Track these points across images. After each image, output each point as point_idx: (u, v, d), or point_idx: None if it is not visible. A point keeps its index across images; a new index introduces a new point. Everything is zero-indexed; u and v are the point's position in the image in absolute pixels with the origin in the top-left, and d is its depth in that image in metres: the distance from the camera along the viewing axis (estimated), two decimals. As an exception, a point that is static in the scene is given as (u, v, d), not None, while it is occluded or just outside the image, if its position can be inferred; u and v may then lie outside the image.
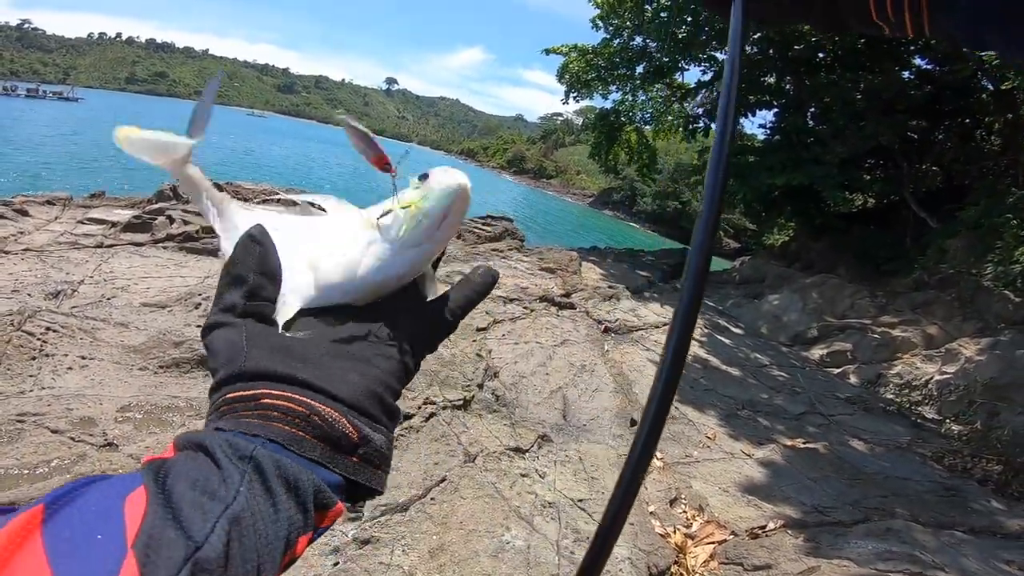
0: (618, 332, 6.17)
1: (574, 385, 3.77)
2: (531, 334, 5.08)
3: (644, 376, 4.39)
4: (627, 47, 12.25)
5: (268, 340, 0.40)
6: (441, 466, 2.39)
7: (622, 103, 14.12)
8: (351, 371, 0.39)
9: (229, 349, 0.39)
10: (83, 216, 6.49)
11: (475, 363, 3.70)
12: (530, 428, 2.90)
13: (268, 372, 0.38)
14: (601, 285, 8.86)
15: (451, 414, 2.79)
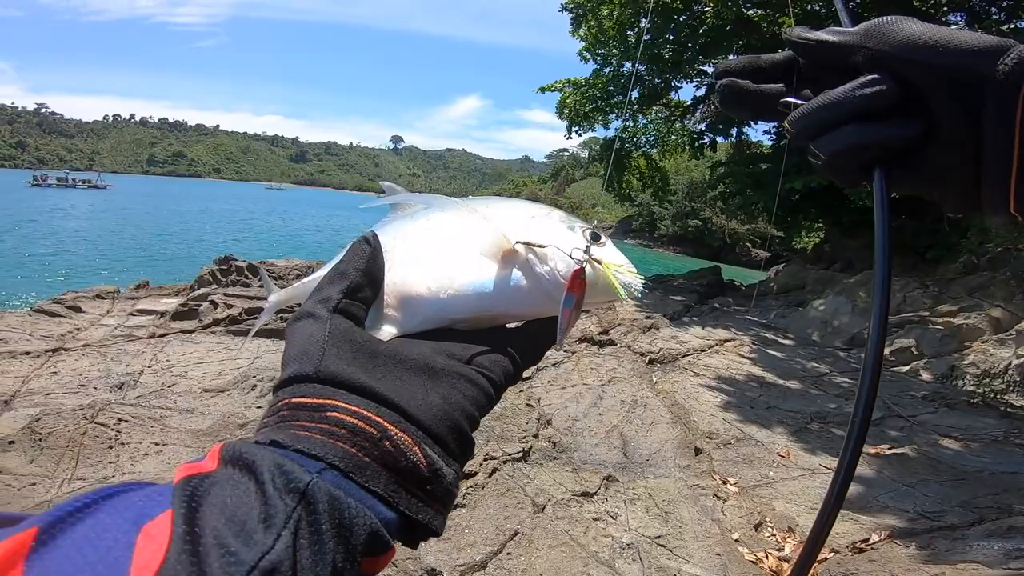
0: (663, 362, 6.03)
1: (629, 422, 3.67)
2: (577, 376, 5.02)
3: (700, 403, 4.25)
4: (618, 74, 12.48)
5: (352, 342, 0.37)
6: (511, 520, 2.34)
7: (624, 130, 14.36)
8: (434, 392, 0.36)
9: (307, 342, 0.36)
10: (132, 308, 6.86)
11: (527, 413, 3.66)
12: (593, 470, 2.82)
13: (344, 379, 0.34)
14: (637, 317, 8.75)
15: (513, 467, 2.75)
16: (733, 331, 7.72)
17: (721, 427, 3.69)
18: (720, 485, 2.86)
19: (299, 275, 8.74)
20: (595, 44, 12.08)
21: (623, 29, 11.01)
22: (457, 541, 2.20)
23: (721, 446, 3.35)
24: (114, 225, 31.11)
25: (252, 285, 7.90)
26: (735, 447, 3.35)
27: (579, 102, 12.77)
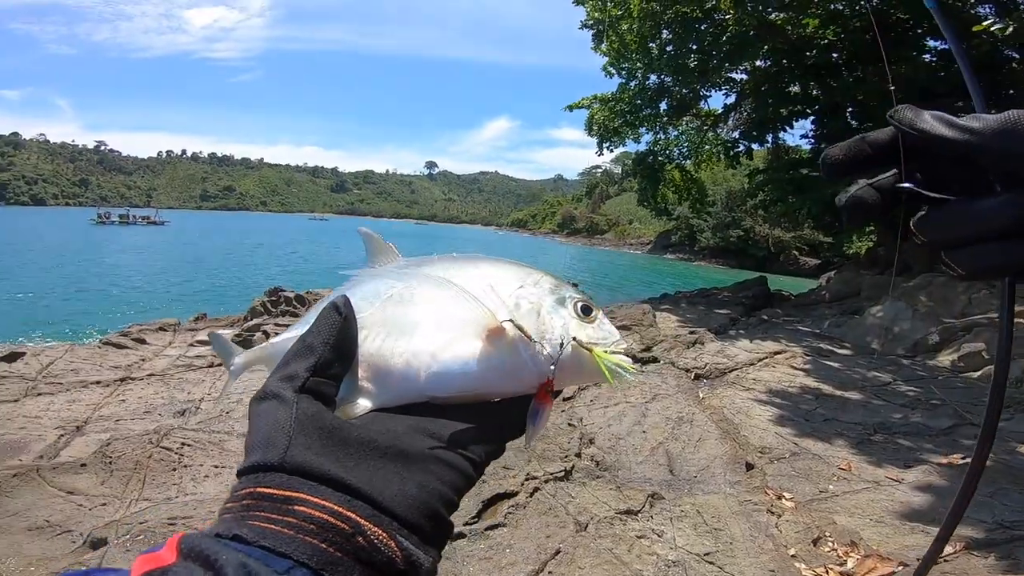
0: (710, 377, 5.85)
1: (675, 439, 3.57)
2: (619, 395, 4.94)
3: (750, 418, 4.08)
4: (644, 87, 12.46)
5: (320, 428, 0.35)
6: (553, 538, 2.30)
7: (656, 143, 14.24)
8: (410, 480, 0.34)
9: (272, 429, 0.34)
10: (192, 339, 7.25)
11: (568, 433, 3.62)
12: (637, 488, 2.75)
13: (312, 470, 0.32)
14: (680, 332, 8.57)
15: (554, 486, 2.71)
16: (784, 343, 7.41)
17: (774, 441, 3.53)
18: (774, 500, 2.72)
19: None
20: (618, 59, 12.14)
21: (645, 42, 11.04)
22: (498, 560, 2.18)
23: (775, 460, 3.19)
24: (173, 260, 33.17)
25: (300, 314, 8.18)
26: (790, 461, 3.19)
27: (607, 118, 12.81)
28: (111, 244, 42.79)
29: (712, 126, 13.87)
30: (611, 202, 76.12)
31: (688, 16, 9.79)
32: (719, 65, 10.59)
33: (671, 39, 10.64)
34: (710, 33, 10.04)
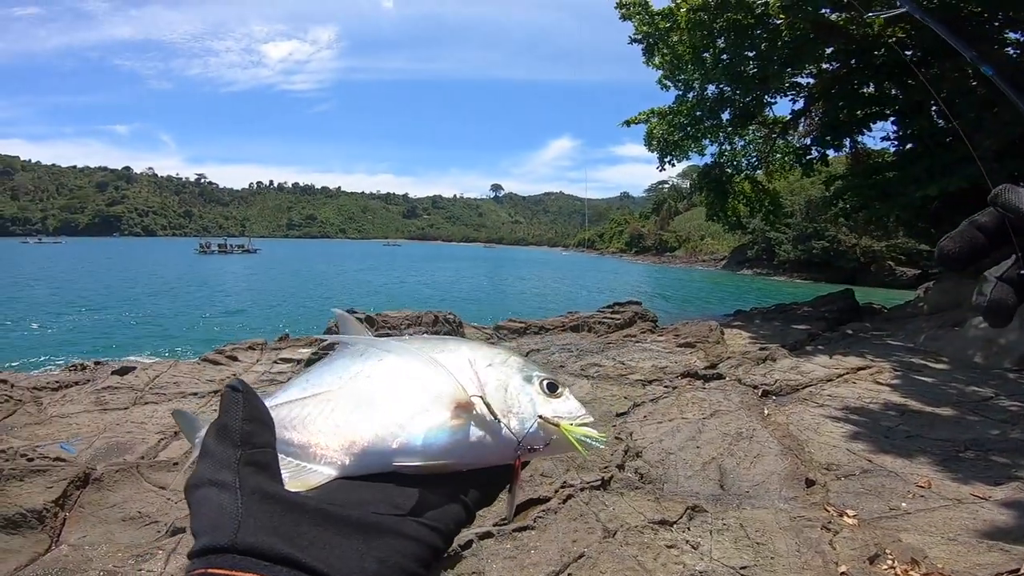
0: (779, 394, 5.49)
1: (731, 454, 3.38)
2: (676, 411, 4.78)
3: (819, 435, 3.78)
4: (703, 98, 12.04)
5: (269, 505, 0.34)
6: (579, 543, 2.27)
7: (721, 154, 13.70)
8: (369, 556, 0.33)
9: (217, 514, 0.33)
10: (276, 357, 7.86)
11: (613, 446, 3.55)
12: (678, 501, 2.64)
13: (264, 551, 0.31)
14: (751, 349, 8.16)
15: (589, 494, 2.67)
16: (869, 358, 6.83)
17: (844, 458, 3.25)
18: (834, 517, 2.50)
19: (409, 324, 9.36)
20: (673, 71, 11.87)
21: (698, 52, 10.74)
22: (521, 560, 2.18)
23: (842, 477, 2.94)
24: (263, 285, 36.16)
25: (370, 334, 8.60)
26: (859, 478, 2.92)
27: (666, 131, 12.49)
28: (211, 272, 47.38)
29: (781, 133, 13.18)
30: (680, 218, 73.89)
31: (740, 23, 9.47)
32: (779, 71, 10.07)
33: (725, 47, 10.29)
34: (765, 39, 9.63)
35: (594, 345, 8.11)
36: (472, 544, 2.34)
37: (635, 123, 13.08)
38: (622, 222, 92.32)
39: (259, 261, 66.19)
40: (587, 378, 6.07)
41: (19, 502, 2.92)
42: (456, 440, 0.41)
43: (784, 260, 41.38)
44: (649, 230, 74.82)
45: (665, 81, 12.30)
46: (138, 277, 39.37)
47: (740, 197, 14.49)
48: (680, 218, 73.83)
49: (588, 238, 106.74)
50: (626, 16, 11.66)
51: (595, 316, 10.38)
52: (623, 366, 6.51)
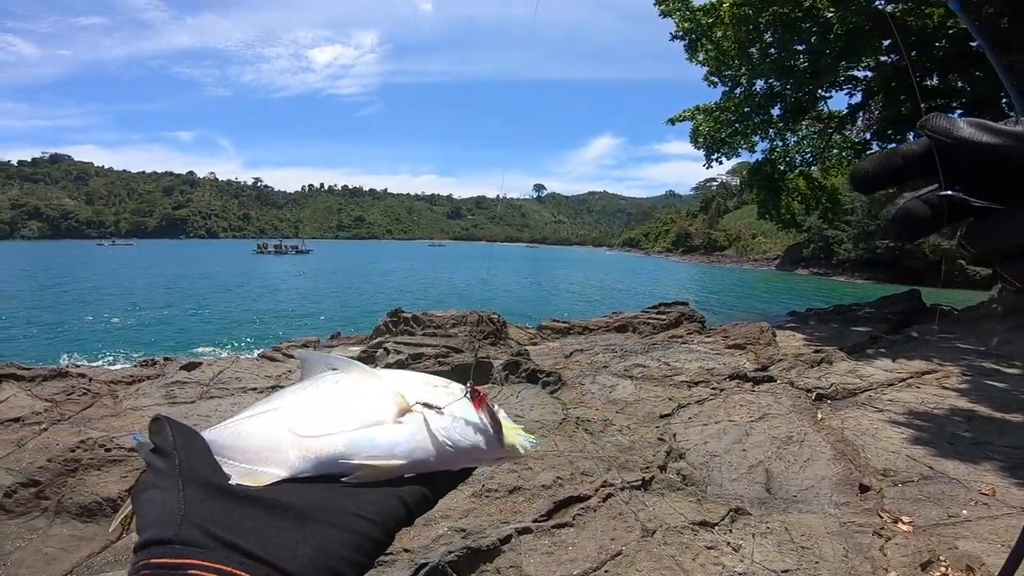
0: (835, 398, 5.27)
1: (779, 458, 3.29)
2: (722, 413, 4.68)
3: (877, 440, 3.61)
4: (751, 94, 11.61)
5: (212, 500, 0.36)
6: (617, 541, 2.27)
7: (772, 151, 13.16)
8: (307, 543, 0.35)
9: (161, 511, 0.35)
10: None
11: (655, 447, 3.52)
12: (721, 503, 2.59)
13: (204, 540, 0.33)
14: (804, 351, 7.86)
15: (629, 494, 2.67)
16: (936, 362, 6.44)
17: (903, 464, 3.09)
18: (887, 523, 2.39)
19: (455, 324, 9.55)
20: (718, 67, 11.46)
21: (744, 47, 10.33)
22: (559, 556, 2.21)
23: (899, 484, 2.80)
24: (316, 284, 37.71)
25: (416, 333, 8.85)
26: (918, 485, 2.78)
27: (713, 128, 12.08)
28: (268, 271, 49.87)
29: (838, 128, 12.55)
30: (730, 216, 71.39)
31: (787, 16, 9.06)
32: (833, 64, 9.56)
33: (773, 42, 9.87)
34: (815, 32, 9.18)
35: (639, 346, 8.02)
36: (511, 539, 2.39)
37: (680, 120, 12.72)
38: (668, 221, 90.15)
39: (312, 261, 69.05)
40: (631, 379, 6.02)
41: (96, 491, 3.14)
42: (398, 443, 0.44)
43: (844, 259, 39.27)
44: (697, 229, 72.70)
45: (711, 77, 11.92)
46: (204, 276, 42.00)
47: (794, 194, 13.88)
48: (729, 216, 71.36)
49: (633, 237, 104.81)
50: (665, 13, 11.39)
51: (640, 316, 10.23)
52: (668, 367, 6.41)
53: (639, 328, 9.55)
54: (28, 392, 5.37)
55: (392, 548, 2.30)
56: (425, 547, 2.33)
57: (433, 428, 0.45)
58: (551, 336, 9.79)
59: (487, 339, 8.90)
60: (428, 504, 0.44)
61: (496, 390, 4.86)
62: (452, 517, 2.53)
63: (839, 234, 37.70)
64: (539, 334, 10.03)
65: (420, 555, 2.28)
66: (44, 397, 5.27)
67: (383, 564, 2.26)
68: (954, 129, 0.38)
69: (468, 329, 9.03)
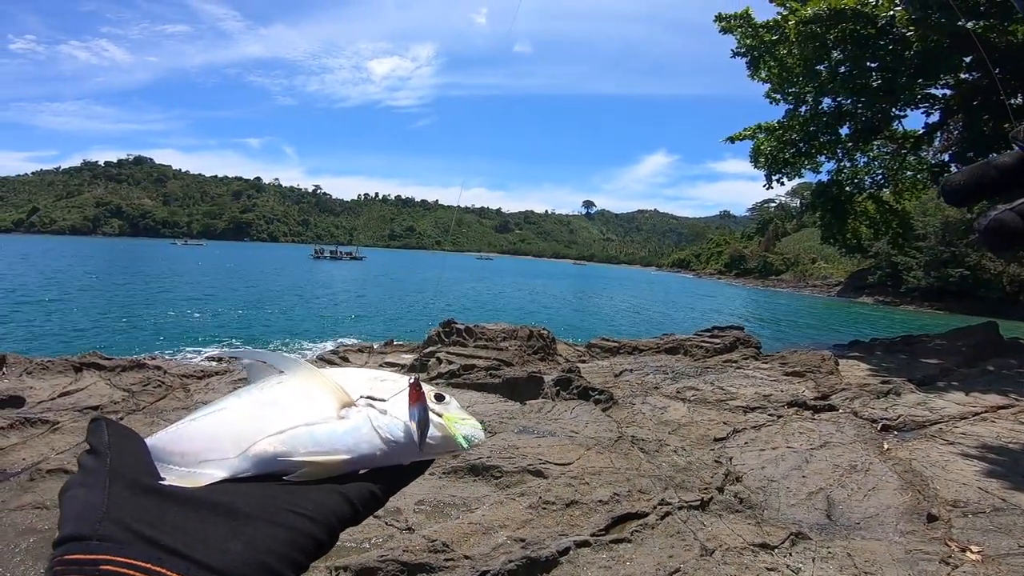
0: (902, 429, 5.06)
1: (841, 486, 3.22)
2: (780, 440, 4.60)
3: (947, 472, 3.47)
4: (817, 113, 11.24)
5: (138, 498, 0.36)
6: (675, 559, 2.31)
7: (840, 172, 12.65)
8: (237, 538, 0.35)
9: (83, 508, 0.34)
10: (382, 360, 8.56)
11: (713, 469, 3.52)
12: (780, 527, 2.58)
13: (122, 536, 0.33)
14: (870, 382, 7.56)
15: (687, 513, 2.70)
16: (1013, 396, 6.07)
17: (974, 496, 2.97)
18: (955, 552, 2.32)
19: (505, 337, 9.72)
20: (781, 84, 11.21)
21: (810, 64, 10.06)
22: (616, 571, 2.27)
23: (969, 515, 2.70)
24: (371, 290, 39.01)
25: (468, 345, 9.09)
26: (990, 516, 2.67)
27: (775, 148, 11.75)
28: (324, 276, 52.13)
29: (912, 149, 11.97)
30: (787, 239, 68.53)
31: (859, 33, 8.79)
32: (909, 82, 9.16)
33: (843, 59, 9.59)
34: (890, 50, 8.86)
35: (691, 368, 7.92)
36: (569, 551, 2.47)
37: (740, 139, 12.45)
38: (721, 242, 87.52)
39: (366, 268, 71.48)
40: (683, 401, 5.98)
41: None
42: (340, 438, 0.43)
43: (913, 288, 36.82)
44: (752, 251, 70.16)
45: (773, 95, 11.67)
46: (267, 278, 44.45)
47: (862, 218, 13.26)
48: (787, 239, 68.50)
49: (683, 258, 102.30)
50: (726, 29, 11.28)
51: (692, 339, 10.07)
52: (722, 391, 6.32)
53: (691, 351, 9.40)
54: (108, 381, 5.68)
55: (453, 554, 2.44)
56: (485, 555, 2.44)
57: (376, 423, 0.44)
58: (600, 354, 9.78)
59: (536, 354, 9.00)
60: (376, 501, 0.43)
61: (550, 405, 4.96)
62: (510, 527, 2.64)
63: (909, 261, 35.41)
64: (588, 352, 10.04)
65: (480, 562, 2.38)
66: (122, 387, 5.56)
67: (444, 570, 2.35)
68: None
69: (518, 343, 9.18)
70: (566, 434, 3.96)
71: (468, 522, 2.71)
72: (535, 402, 5.24)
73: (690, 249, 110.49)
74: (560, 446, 3.66)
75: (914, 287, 36.67)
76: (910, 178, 12.56)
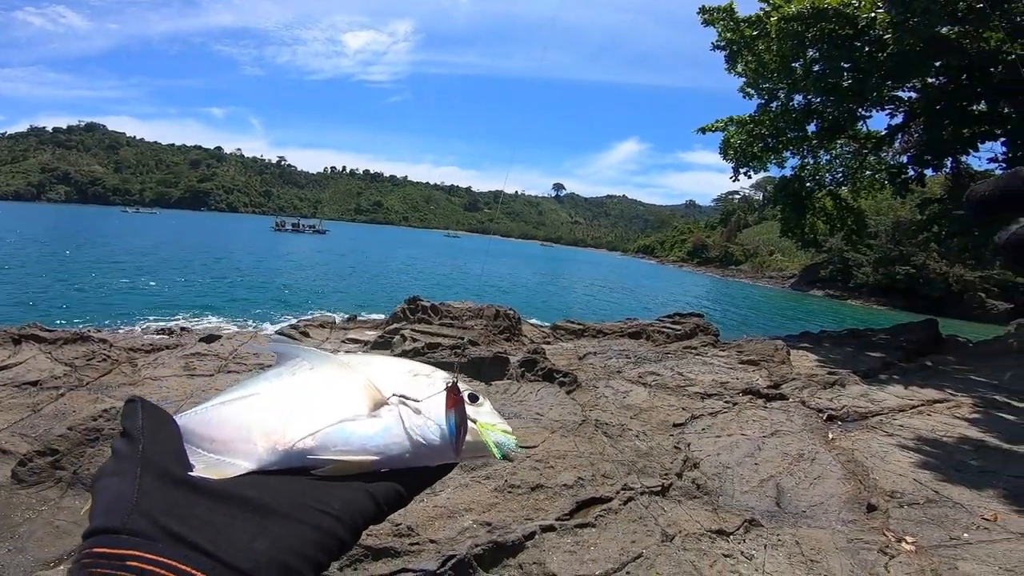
0: (846, 419, 5.34)
1: (790, 473, 3.39)
2: (735, 427, 4.77)
3: (886, 462, 3.70)
4: (788, 109, 11.48)
5: (168, 490, 0.36)
6: (638, 544, 2.39)
7: (803, 168, 13.04)
8: (260, 536, 0.35)
9: (113, 499, 0.34)
10: (344, 336, 8.39)
11: (673, 455, 3.63)
12: (735, 513, 2.71)
13: (152, 531, 0.33)
14: (818, 372, 7.91)
15: (649, 499, 2.79)
16: (948, 391, 6.47)
17: (910, 487, 3.18)
18: (892, 542, 2.49)
19: (471, 316, 9.69)
20: (756, 79, 11.36)
21: (787, 62, 10.24)
22: (581, 555, 2.33)
23: (905, 505, 2.90)
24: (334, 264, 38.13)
25: (433, 323, 9.00)
26: (924, 507, 2.88)
27: (745, 141, 11.97)
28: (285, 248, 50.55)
29: (873, 149, 12.41)
30: (749, 231, 70.63)
31: (836, 33, 8.98)
32: (879, 84, 9.46)
33: (818, 58, 9.79)
34: (865, 52, 9.09)
35: (652, 353, 8.10)
36: (535, 535, 2.51)
37: (712, 131, 12.62)
38: (685, 231, 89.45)
39: (329, 241, 69.70)
40: (644, 386, 6.12)
41: None
42: (372, 437, 0.43)
43: (862, 283, 38.77)
44: (714, 241, 72.07)
45: (748, 89, 11.82)
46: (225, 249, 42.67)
47: (820, 213, 13.76)
48: (748, 231, 70.60)
49: (648, 244, 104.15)
50: (709, 22, 11.32)
51: (655, 324, 10.29)
52: (682, 377, 6.50)
53: (653, 336, 9.61)
54: (48, 355, 5.33)
55: (418, 538, 2.44)
56: (451, 539, 2.45)
57: (408, 424, 0.44)
58: (565, 336, 9.89)
59: (502, 334, 9.02)
60: (401, 501, 0.43)
61: (515, 386, 4.99)
62: (476, 511, 2.65)
63: (859, 257, 37.18)
64: (553, 333, 10.13)
65: (446, 547, 2.38)
66: (64, 361, 5.24)
67: (409, 554, 2.34)
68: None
69: (484, 322, 9.16)
70: (531, 416, 3.99)
71: (433, 505, 2.71)
72: (500, 383, 5.26)
73: (655, 236, 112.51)
74: (525, 428, 3.70)
75: (863, 283, 38.62)
76: (868, 177, 13.04)
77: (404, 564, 2.34)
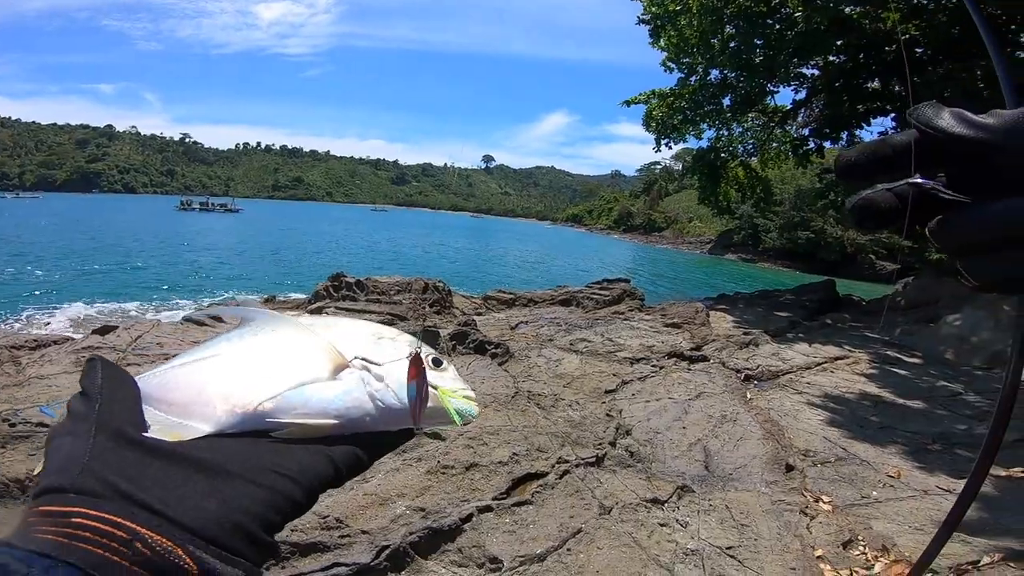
0: (761, 379, 5.69)
1: (715, 436, 3.53)
2: (662, 391, 4.91)
3: (798, 421, 3.96)
4: (705, 83, 11.91)
5: (120, 451, 0.35)
6: (576, 519, 2.38)
7: (718, 140, 13.66)
8: (211, 496, 0.35)
9: (64, 459, 0.34)
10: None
11: (605, 423, 3.66)
12: (668, 480, 2.77)
13: (98, 489, 0.33)
14: (734, 333, 8.37)
15: (585, 471, 2.78)
16: (846, 348, 7.07)
17: (821, 445, 3.42)
18: (810, 502, 2.66)
19: (399, 291, 9.32)
20: (677, 54, 11.67)
21: (706, 37, 10.58)
22: (521, 535, 2.28)
23: (818, 464, 3.11)
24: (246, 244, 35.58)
25: (359, 299, 8.58)
26: (835, 466, 3.10)
27: (666, 114, 12.33)
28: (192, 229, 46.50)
29: (779, 123, 13.19)
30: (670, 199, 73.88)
31: (752, 11, 9.31)
32: (786, 61, 9.99)
33: (734, 34, 10.14)
34: (776, 29, 9.53)
35: (583, 320, 8.22)
36: (472, 517, 2.42)
37: (635, 103, 12.88)
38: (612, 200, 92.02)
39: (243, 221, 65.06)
40: (576, 353, 6.18)
41: (1, 471, 2.76)
42: (331, 400, 0.42)
43: (769, 247, 41.95)
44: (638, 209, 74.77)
45: (669, 63, 12.09)
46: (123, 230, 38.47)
47: (733, 183, 14.56)
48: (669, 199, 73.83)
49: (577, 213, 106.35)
50: (635, -6, 11.40)
51: (584, 291, 10.45)
52: (611, 343, 6.63)
53: (583, 303, 9.77)
54: None
55: (348, 530, 2.26)
56: (384, 528, 2.30)
57: (369, 389, 0.43)
58: (496, 307, 9.82)
59: (432, 307, 8.78)
60: (361, 465, 0.43)
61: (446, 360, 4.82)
62: (409, 496, 2.52)
63: (767, 223, 40.11)
64: (484, 304, 10.03)
65: (379, 537, 2.24)
66: None
67: (340, 548, 2.19)
68: (935, 118, 0.36)
69: (413, 296, 8.87)
70: (461, 381, 3.86)
71: (363, 493, 2.54)
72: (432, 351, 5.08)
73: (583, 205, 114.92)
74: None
75: (770, 247, 41.78)
76: (775, 149, 13.88)
77: (335, 558, 2.18)
